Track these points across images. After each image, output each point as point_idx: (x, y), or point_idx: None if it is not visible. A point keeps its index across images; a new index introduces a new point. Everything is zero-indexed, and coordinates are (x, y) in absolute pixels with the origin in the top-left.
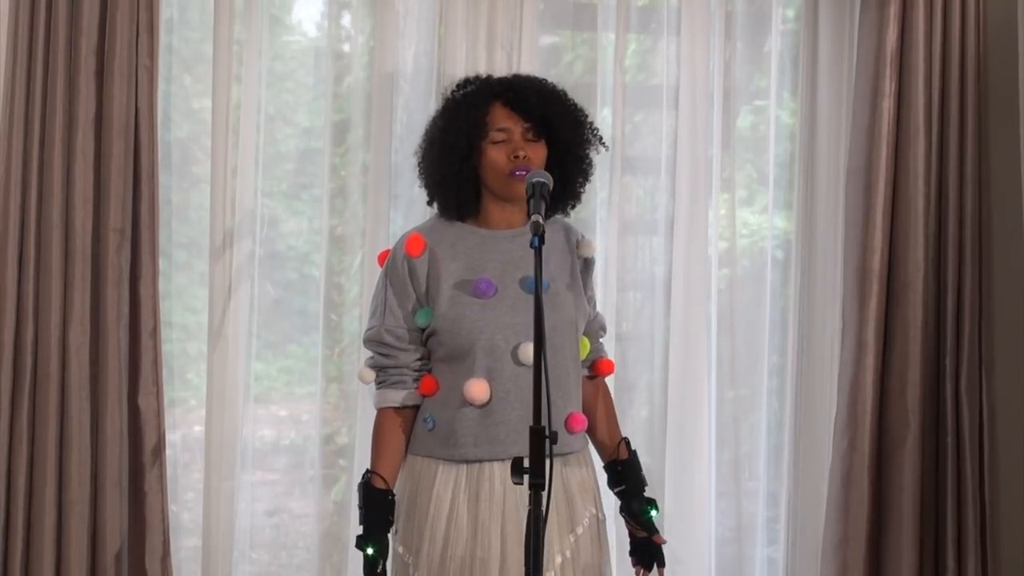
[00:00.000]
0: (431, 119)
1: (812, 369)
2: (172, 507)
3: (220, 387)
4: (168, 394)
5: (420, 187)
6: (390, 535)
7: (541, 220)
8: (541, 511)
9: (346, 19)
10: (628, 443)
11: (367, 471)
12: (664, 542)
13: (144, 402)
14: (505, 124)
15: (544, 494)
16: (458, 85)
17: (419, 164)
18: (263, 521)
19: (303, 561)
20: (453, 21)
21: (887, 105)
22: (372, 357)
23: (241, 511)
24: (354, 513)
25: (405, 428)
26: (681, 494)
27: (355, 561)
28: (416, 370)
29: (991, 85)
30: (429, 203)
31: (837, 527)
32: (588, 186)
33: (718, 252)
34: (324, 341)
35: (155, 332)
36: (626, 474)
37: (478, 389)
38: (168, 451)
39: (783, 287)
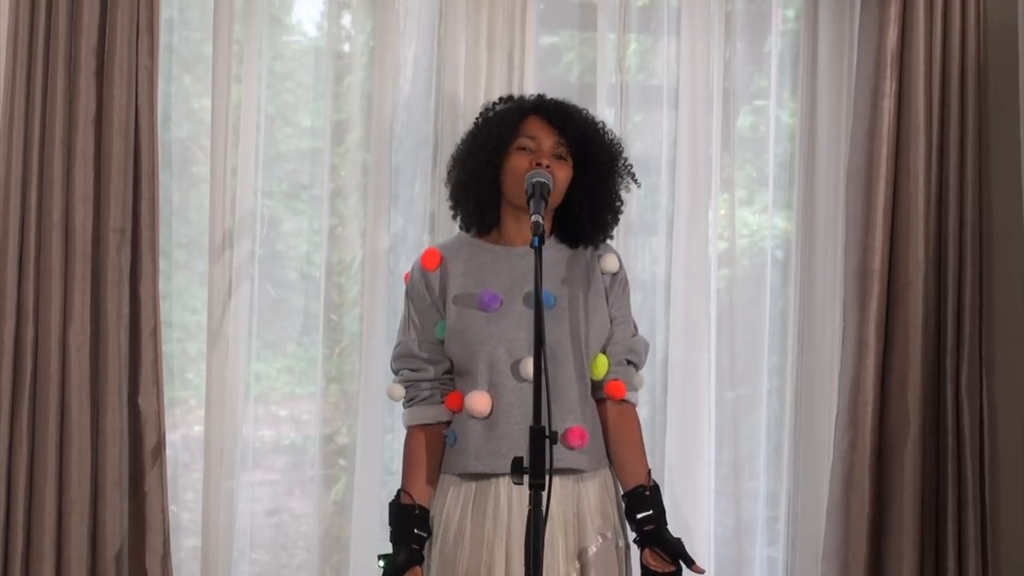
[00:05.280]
0: (461, 139)
1: (812, 369)
2: (172, 507)
3: (220, 387)
4: (168, 394)
5: (449, 208)
6: (425, 550)
7: (541, 220)
8: (541, 511)
9: (346, 19)
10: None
11: (398, 490)
12: (704, 571)
13: (144, 402)
14: (536, 133)
15: (544, 494)
16: (493, 103)
17: (448, 174)
18: (263, 521)
19: (303, 561)
20: (453, 21)
21: (887, 105)
22: (401, 373)
23: (241, 511)
24: (355, 513)
25: (436, 445)
26: (681, 494)
27: (355, 561)
28: (443, 384)
29: (991, 85)
30: (453, 217)
31: (838, 527)
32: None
33: (718, 252)
34: (324, 341)
35: (155, 332)
36: (655, 500)
37: (479, 401)
38: (168, 451)
39: (783, 287)
